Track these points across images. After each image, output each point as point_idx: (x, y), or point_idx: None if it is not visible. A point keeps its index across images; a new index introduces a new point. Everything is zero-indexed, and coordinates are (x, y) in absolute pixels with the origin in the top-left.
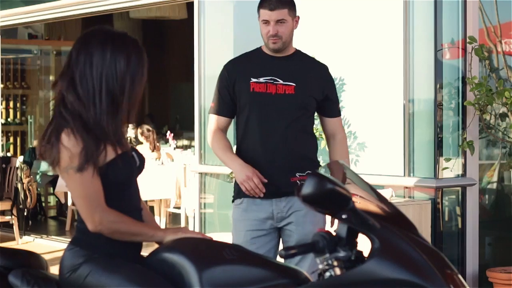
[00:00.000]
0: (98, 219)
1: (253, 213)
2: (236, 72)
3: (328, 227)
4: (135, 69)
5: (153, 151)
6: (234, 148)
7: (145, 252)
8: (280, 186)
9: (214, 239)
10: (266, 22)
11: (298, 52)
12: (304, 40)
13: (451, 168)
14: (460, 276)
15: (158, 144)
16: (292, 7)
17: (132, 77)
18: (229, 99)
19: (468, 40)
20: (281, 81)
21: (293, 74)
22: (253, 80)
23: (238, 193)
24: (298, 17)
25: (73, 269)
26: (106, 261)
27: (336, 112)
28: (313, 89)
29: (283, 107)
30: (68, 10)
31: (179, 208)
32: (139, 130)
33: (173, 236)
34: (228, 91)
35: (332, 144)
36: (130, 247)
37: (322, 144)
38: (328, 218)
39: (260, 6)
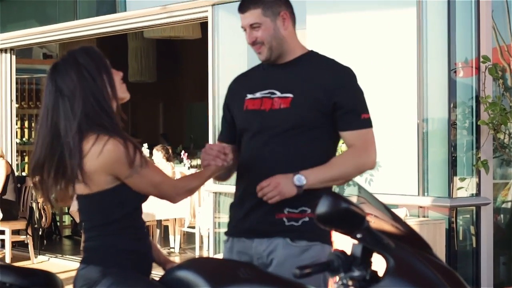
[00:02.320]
0: (179, 192)
1: (237, 254)
2: (234, 89)
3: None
4: (101, 77)
5: (167, 160)
6: None
7: (159, 272)
8: (262, 223)
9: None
10: (244, 29)
11: (307, 55)
12: None
13: (465, 188)
14: None
15: (172, 163)
16: (268, 5)
17: (108, 83)
18: (225, 121)
19: (481, 59)
20: (278, 93)
21: (292, 83)
22: (249, 96)
23: (227, 229)
24: (285, 12)
25: (90, 285)
26: (123, 276)
27: (355, 124)
28: (315, 98)
29: (275, 126)
30: (82, 30)
31: (193, 227)
32: (155, 148)
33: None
34: (225, 112)
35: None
36: (142, 259)
37: None
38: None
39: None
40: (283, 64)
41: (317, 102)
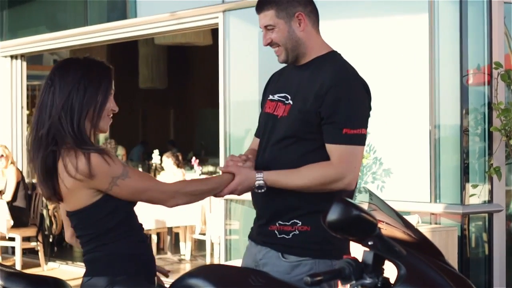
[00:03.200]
0: (171, 195)
1: (248, 257)
2: (267, 88)
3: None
4: (94, 98)
5: (178, 167)
6: None
7: (170, 279)
8: (259, 233)
9: (240, 265)
10: (262, 29)
11: (322, 57)
12: None
13: (478, 194)
14: None
15: (183, 169)
16: (282, 6)
17: (97, 107)
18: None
19: (494, 65)
20: (288, 99)
21: (297, 89)
22: (270, 97)
23: None
24: (301, 13)
25: None
26: (131, 283)
27: (333, 137)
28: (307, 108)
29: (274, 134)
30: (93, 36)
31: (204, 234)
32: (166, 155)
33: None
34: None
35: None
36: (146, 261)
37: None
38: None
39: None
40: (301, 66)
41: (309, 113)
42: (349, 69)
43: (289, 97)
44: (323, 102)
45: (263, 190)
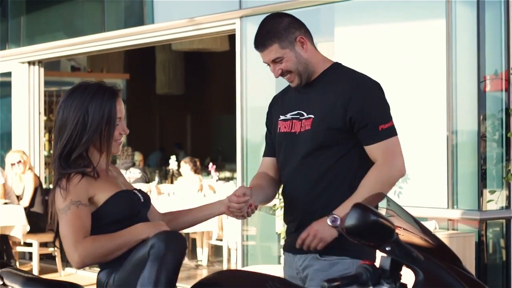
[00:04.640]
0: (78, 256)
1: (288, 268)
2: (272, 109)
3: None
4: (98, 129)
5: (195, 173)
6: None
7: (187, 285)
8: (296, 241)
9: (257, 271)
10: (267, 64)
11: (329, 70)
12: None
13: (495, 200)
14: None
15: (200, 175)
16: (282, 37)
17: (105, 136)
18: (269, 139)
19: (511, 71)
20: (305, 115)
21: (313, 102)
22: (281, 117)
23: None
24: (301, 36)
25: (103, 285)
26: (127, 271)
27: (373, 137)
28: (332, 117)
29: (301, 149)
30: (110, 42)
31: (221, 240)
32: (183, 161)
33: (155, 230)
34: (269, 130)
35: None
36: None
37: None
38: None
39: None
40: (310, 83)
41: (333, 121)
42: (359, 74)
43: (304, 113)
44: (349, 110)
45: (338, 223)
